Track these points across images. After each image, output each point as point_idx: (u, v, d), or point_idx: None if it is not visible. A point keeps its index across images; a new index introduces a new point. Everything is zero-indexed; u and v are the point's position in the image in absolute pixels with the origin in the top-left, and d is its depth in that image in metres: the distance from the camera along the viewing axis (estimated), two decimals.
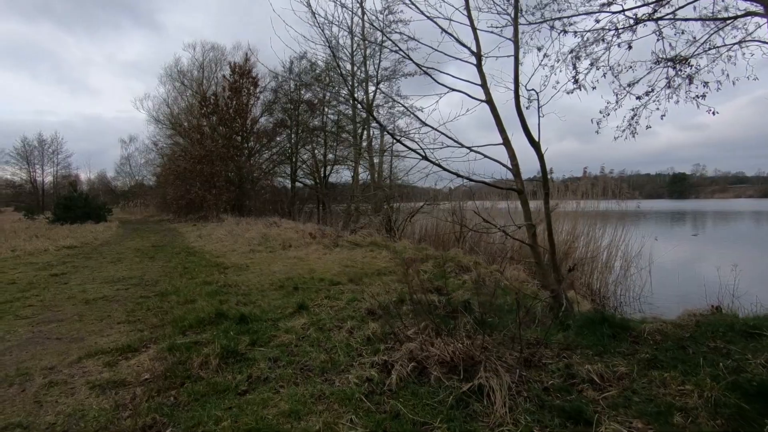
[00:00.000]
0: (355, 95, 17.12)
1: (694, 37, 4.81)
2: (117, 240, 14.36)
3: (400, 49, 4.39)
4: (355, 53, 16.42)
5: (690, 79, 4.92)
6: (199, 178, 22.78)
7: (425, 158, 4.18)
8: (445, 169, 4.24)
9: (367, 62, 15.35)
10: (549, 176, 5.62)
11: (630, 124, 6.52)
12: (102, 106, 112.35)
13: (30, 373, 3.14)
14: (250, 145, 27.55)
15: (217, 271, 7.32)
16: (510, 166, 4.71)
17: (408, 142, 4.23)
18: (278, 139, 27.04)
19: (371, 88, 17.69)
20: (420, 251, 9.07)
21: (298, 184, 26.00)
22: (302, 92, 25.47)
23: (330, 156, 23.07)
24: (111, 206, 36.55)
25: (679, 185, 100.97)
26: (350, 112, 18.05)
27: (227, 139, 25.80)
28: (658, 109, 4.91)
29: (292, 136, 25.69)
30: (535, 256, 4.90)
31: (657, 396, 2.54)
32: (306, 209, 26.00)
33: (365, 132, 18.72)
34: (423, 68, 4.39)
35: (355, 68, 16.98)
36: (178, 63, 33.25)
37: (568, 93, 5.74)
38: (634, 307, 9.08)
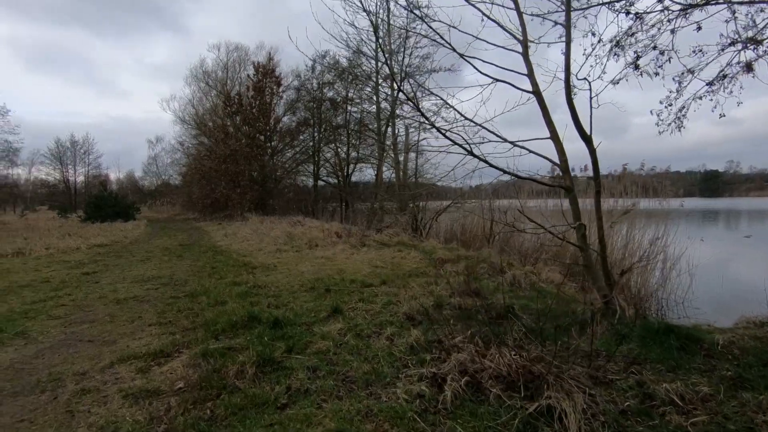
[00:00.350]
0: (379, 93, 16.88)
1: None
2: (145, 238, 14.56)
3: (441, 36, 4.11)
4: (380, 49, 16.18)
5: None
6: (224, 178, 22.99)
7: (470, 153, 3.90)
8: (491, 165, 3.95)
9: (392, 59, 15.08)
10: (572, 173, 5.27)
11: (677, 117, 6.08)
12: (130, 108, 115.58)
13: (62, 378, 3.02)
14: (274, 144, 27.70)
15: (245, 271, 7.21)
16: (558, 161, 4.38)
17: (452, 137, 3.94)
18: (301, 137, 27.08)
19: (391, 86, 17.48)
20: (450, 251, 8.76)
21: (320, 182, 25.95)
22: (325, 91, 25.45)
23: (353, 154, 22.87)
24: (139, 205, 37.44)
25: (711, 183, 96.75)
26: (374, 108, 17.81)
27: (251, 138, 25.99)
28: (731, 94, 4.42)
29: (315, 134, 25.67)
30: (584, 258, 4.55)
31: (757, 425, 2.20)
32: (329, 208, 25.98)
33: (389, 129, 18.46)
34: (465, 57, 4.10)
35: (380, 65, 16.73)
36: (203, 64, 33.78)
37: (613, 84, 5.35)
38: (677, 312, 8.55)
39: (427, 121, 4.07)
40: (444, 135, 3.96)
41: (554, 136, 4.32)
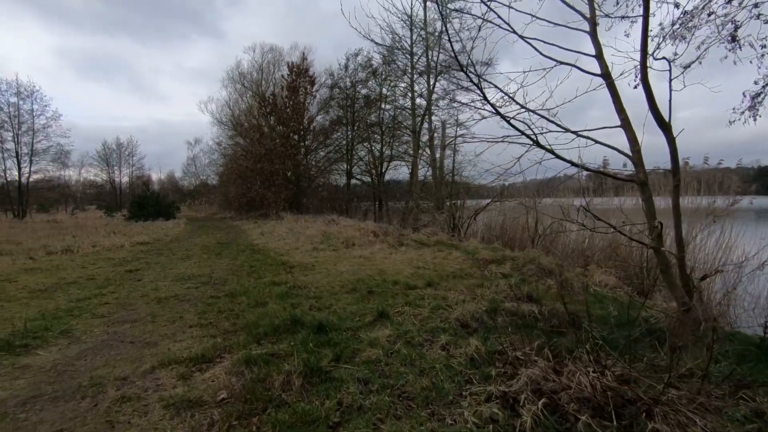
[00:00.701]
0: (415, 88, 16.52)
1: None
2: (185, 237, 14.85)
3: (498, 16, 3.73)
4: (415, 43, 15.86)
5: None
6: (260, 177, 23.30)
7: (537, 144, 3.51)
8: (559, 157, 3.54)
9: (432, 49, 14.66)
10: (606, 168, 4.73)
11: (753, 104, 5.42)
12: (170, 111, 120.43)
13: (103, 383, 2.88)
14: (307, 143, 27.87)
15: (283, 270, 7.06)
16: (630, 152, 3.91)
17: (517, 125, 3.56)
18: (334, 136, 27.10)
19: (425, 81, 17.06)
20: (493, 252, 8.31)
21: (354, 181, 25.87)
22: (358, 88, 25.35)
23: (387, 152, 22.62)
24: (179, 204, 38.75)
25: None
26: (409, 104, 17.46)
27: (285, 137, 26.26)
28: None
29: (348, 133, 25.61)
30: (660, 261, 4.05)
31: None
32: (362, 207, 25.86)
33: (423, 126, 18.05)
34: (526, 39, 3.71)
35: (416, 59, 16.37)
36: (239, 66, 34.44)
37: (684, 68, 4.77)
38: (747, 321, 7.74)
39: (492, 108, 3.68)
40: (510, 123, 3.58)
41: (626, 125, 3.85)
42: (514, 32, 3.71)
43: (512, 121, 3.58)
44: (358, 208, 25.68)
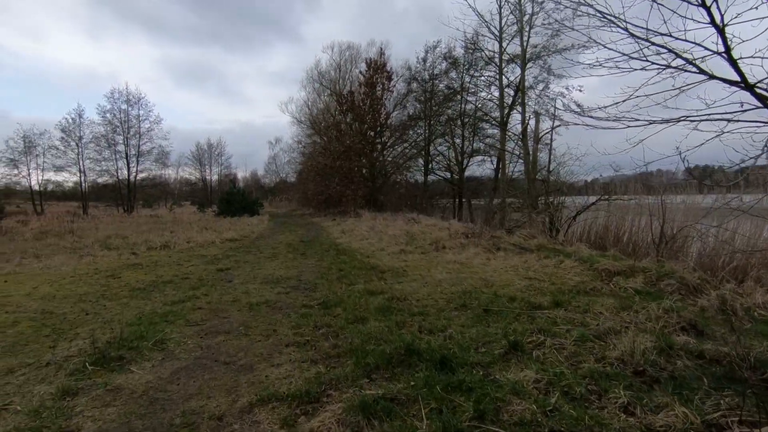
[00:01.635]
0: (504, 76, 15.21)
1: None
2: (269, 233, 15.10)
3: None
4: (504, 28, 14.57)
5: None
6: (338, 174, 23.36)
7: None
8: None
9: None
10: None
11: None
12: (254, 113, 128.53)
13: (196, 423, 2.39)
14: (384, 140, 27.55)
15: (375, 276, 6.47)
16: None
17: None
18: (411, 132, 26.46)
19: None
20: (615, 261, 7.00)
21: (431, 178, 25.01)
22: (436, 82, 24.42)
23: (469, 147, 21.42)
24: (261, 201, 40.80)
25: None
26: (497, 94, 16.18)
27: (362, 134, 26.14)
28: None
29: (426, 128, 24.79)
30: None
31: None
32: (439, 204, 24.93)
33: (510, 117, 16.65)
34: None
35: (505, 45, 15.06)
36: (318, 65, 35.13)
37: None
38: None
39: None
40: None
41: None
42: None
43: None
44: (436, 205, 24.79)
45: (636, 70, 3.83)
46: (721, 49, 3.19)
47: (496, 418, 2.32)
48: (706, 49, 3.31)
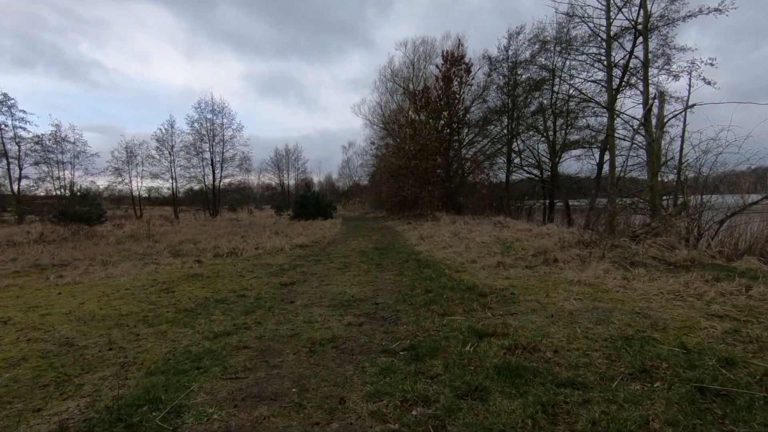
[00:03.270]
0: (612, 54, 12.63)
1: None
2: (341, 238, 14.06)
3: None
4: None
5: None
6: (413, 174, 21.89)
7: None
8: None
9: None
10: None
11: None
12: (329, 120, 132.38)
13: None
14: (461, 137, 25.61)
15: (475, 301, 4.84)
16: None
17: None
18: (492, 127, 24.21)
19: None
20: None
21: (515, 176, 22.54)
22: (520, 72, 21.99)
23: (560, 140, 18.72)
24: (335, 204, 40.81)
25: None
26: (601, 76, 13.60)
27: (438, 131, 24.46)
28: None
29: (510, 122, 22.41)
30: None
31: None
32: (525, 206, 22.38)
33: (615, 100, 13.90)
34: None
35: (612, 13, 12.50)
36: (391, 63, 34.34)
37: None
38: None
39: None
40: None
41: None
42: None
43: None
44: (521, 207, 22.27)
45: None
46: None
47: None
48: None
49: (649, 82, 12.48)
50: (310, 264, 8.36)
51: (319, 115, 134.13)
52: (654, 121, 10.84)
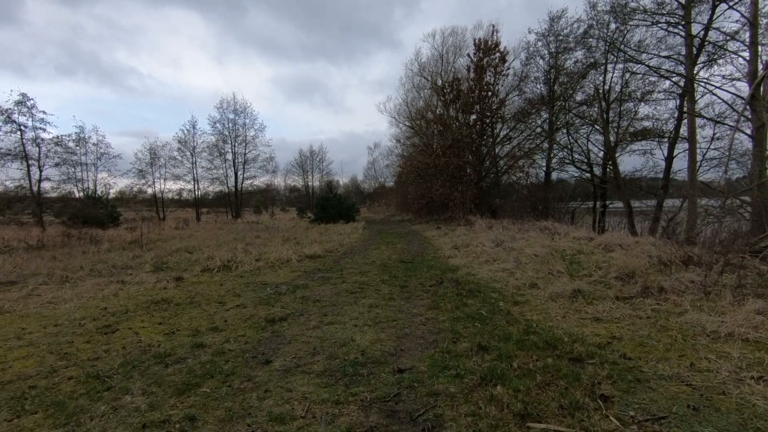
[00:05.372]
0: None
1: None
2: (361, 247, 12.16)
3: None
4: None
5: None
6: (443, 173, 19.73)
7: None
8: None
9: None
10: None
11: None
12: (355, 122, 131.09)
13: None
14: (496, 132, 23.31)
15: (572, 379, 2.81)
16: None
17: None
18: (530, 120, 21.82)
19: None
20: None
21: (560, 174, 20.04)
22: (564, 57, 19.58)
23: (615, 134, 16.23)
24: (359, 206, 39.07)
25: None
26: (683, 49, 11.17)
27: (470, 126, 22.28)
28: None
29: (551, 114, 20.00)
30: None
31: None
32: (568, 209, 19.85)
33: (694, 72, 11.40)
34: None
35: None
36: (418, 56, 32.43)
37: None
38: None
39: None
40: None
41: None
42: None
43: None
44: (564, 210, 19.75)
45: None
46: None
47: None
48: None
49: (759, 47, 9.79)
50: (315, 284, 6.50)
51: (345, 117, 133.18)
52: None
